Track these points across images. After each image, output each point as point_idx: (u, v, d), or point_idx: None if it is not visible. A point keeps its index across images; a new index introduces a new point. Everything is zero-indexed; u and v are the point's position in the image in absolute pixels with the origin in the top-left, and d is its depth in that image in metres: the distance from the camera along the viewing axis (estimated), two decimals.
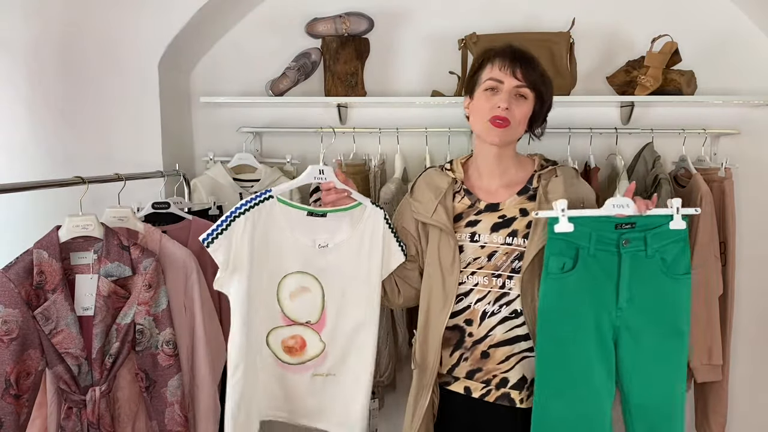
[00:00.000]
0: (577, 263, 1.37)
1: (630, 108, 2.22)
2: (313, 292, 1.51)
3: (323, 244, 1.48)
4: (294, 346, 1.53)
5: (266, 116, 2.36)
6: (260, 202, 1.44)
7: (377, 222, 1.52)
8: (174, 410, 1.54)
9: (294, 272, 1.49)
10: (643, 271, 1.38)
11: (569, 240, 1.36)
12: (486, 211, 1.48)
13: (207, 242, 1.40)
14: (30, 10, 2.11)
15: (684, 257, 1.41)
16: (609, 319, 1.40)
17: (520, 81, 1.41)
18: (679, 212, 1.38)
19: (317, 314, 1.52)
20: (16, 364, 1.39)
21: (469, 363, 1.47)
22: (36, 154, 2.18)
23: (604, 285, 1.39)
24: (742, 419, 2.35)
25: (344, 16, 2.22)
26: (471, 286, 1.46)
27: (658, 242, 1.38)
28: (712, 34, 2.24)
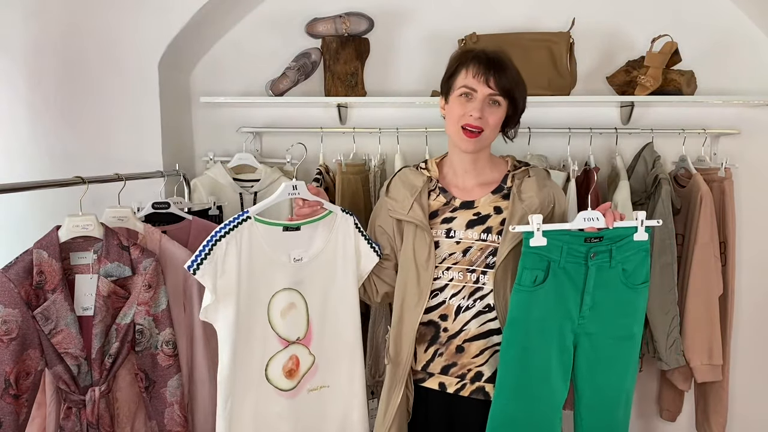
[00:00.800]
0: (548, 276, 1.42)
1: (630, 108, 2.23)
2: (298, 307, 1.51)
3: (297, 258, 1.49)
4: (293, 367, 1.51)
5: (266, 116, 2.36)
6: (239, 223, 1.42)
7: (348, 228, 1.55)
8: (174, 410, 1.54)
9: (281, 289, 1.49)
10: (606, 281, 1.44)
11: (541, 253, 1.41)
12: (461, 209, 1.52)
13: (193, 269, 1.37)
14: (30, 10, 2.12)
15: (643, 267, 1.47)
16: (571, 327, 1.46)
17: (493, 89, 1.43)
18: (643, 224, 1.43)
19: (304, 329, 1.52)
20: (16, 364, 1.39)
21: (444, 358, 1.49)
22: (36, 154, 2.18)
23: (570, 295, 1.44)
24: (742, 419, 2.35)
25: (344, 16, 2.22)
26: (446, 282, 1.49)
27: (622, 254, 1.44)
28: (712, 34, 2.24)
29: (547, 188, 1.52)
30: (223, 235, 1.40)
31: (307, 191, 1.51)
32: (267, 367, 1.48)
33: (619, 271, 1.45)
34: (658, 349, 2.01)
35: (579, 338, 1.47)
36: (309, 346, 1.53)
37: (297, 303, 1.51)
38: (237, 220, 1.42)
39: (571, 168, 2.06)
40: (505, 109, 1.47)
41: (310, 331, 1.52)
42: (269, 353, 1.48)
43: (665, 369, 2.05)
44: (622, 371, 1.52)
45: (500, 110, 1.46)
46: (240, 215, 1.43)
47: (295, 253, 1.49)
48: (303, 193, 1.50)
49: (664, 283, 1.99)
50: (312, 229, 1.52)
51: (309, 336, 1.53)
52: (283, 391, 1.50)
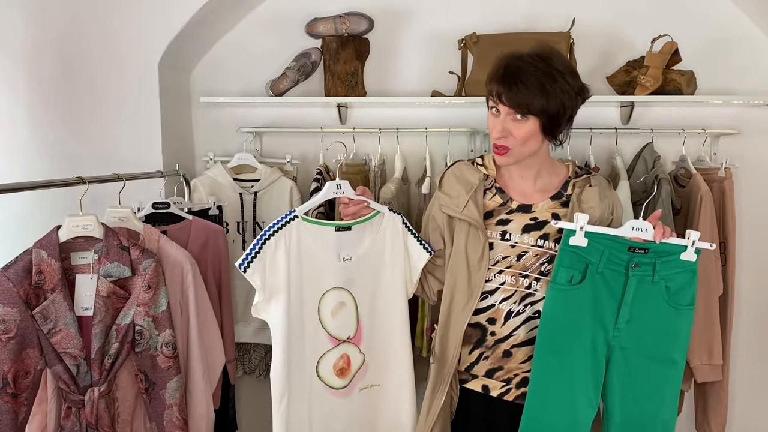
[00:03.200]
0: (585, 278, 1.39)
1: (630, 108, 2.22)
2: (348, 306, 1.52)
3: (347, 258, 1.50)
4: (344, 366, 1.52)
5: (266, 116, 2.36)
6: (286, 223, 1.45)
7: (396, 227, 1.55)
8: (172, 413, 1.54)
9: (330, 289, 1.49)
10: (647, 295, 1.40)
11: (580, 254, 1.38)
12: (518, 212, 1.48)
13: (243, 267, 1.40)
14: (30, 10, 2.12)
15: (689, 288, 1.41)
16: (605, 337, 1.41)
17: (509, 108, 1.38)
18: (694, 245, 1.38)
19: (354, 328, 1.53)
20: (14, 363, 1.39)
21: (490, 362, 1.48)
22: (36, 154, 2.18)
23: (606, 303, 1.40)
24: (742, 419, 2.35)
25: (344, 16, 2.22)
26: (497, 285, 1.46)
27: (666, 270, 1.39)
28: (712, 34, 2.24)
29: (608, 199, 1.49)
30: (272, 234, 1.42)
31: (352, 190, 1.52)
32: (318, 365, 1.50)
33: (662, 287, 1.40)
34: None
35: (613, 351, 1.42)
36: (359, 344, 1.54)
37: (347, 302, 1.52)
38: (285, 219, 1.45)
39: None
40: (533, 121, 1.38)
41: (360, 330, 1.53)
42: (320, 351, 1.49)
43: None
44: (658, 398, 1.44)
45: (526, 124, 1.38)
46: (287, 214, 1.46)
47: (345, 252, 1.50)
48: (347, 192, 1.51)
49: None
50: (361, 229, 1.53)
51: (359, 335, 1.54)
52: (335, 390, 1.51)
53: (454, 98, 2.17)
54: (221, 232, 1.93)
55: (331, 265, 1.49)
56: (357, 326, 1.53)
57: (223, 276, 1.93)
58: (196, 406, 1.63)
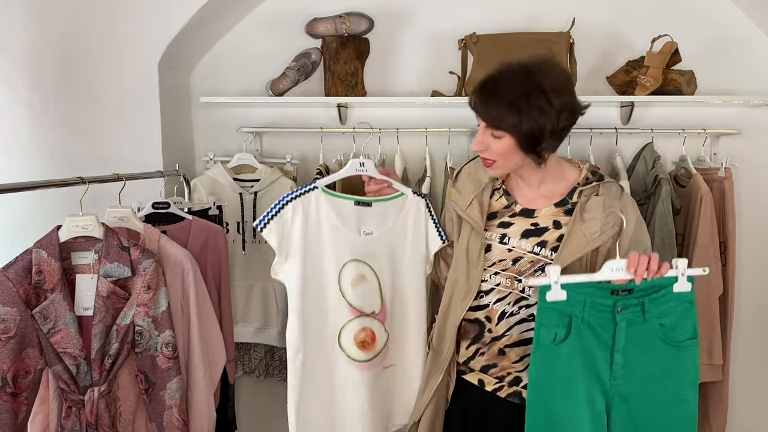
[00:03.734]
0: (570, 333, 1.31)
1: (630, 108, 2.22)
2: (369, 280, 1.54)
3: (368, 232, 1.54)
4: (366, 339, 1.53)
5: (266, 116, 2.36)
6: (306, 192, 1.50)
7: (419, 210, 1.59)
8: (172, 413, 1.53)
9: (350, 260, 1.52)
10: (639, 337, 1.31)
11: (561, 308, 1.29)
12: (520, 215, 1.47)
13: (260, 227, 1.47)
14: (30, 10, 2.12)
15: (688, 321, 1.31)
16: (601, 389, 1.33)
17: (485, 123, 1.38)
18: (684, 275, 1.28)
19: (379, 304, 1.55)
20: (14, 363, 1.39)
21: (486, 358, 1.49)
22: (36, 154, 2.18)
23: (597, 353, 1.32)
24: (742, 419, 2.35)
25: (344, 16, 2.22)
26: (492, 285, 1.47)
27: (658, 307, 1.30)
28: (712, 34, 2.24)
29: (614, 211, 1.40)
30: (291, 200, 1.49)
31: (375, 169, 1.56)
32: (340, 336, 1.53)
33: (656, 326, 1.30)
34: None
35: (612, 401, 1.33)
36: (384, 322, 1.56)
37: (368, 276, 1.54)
38: (305, 189, 1.51)
39: None
40: (508, 138, 1.35)
41: (384, 307, 1.56)
42: (341, 322, 1.52)
43: None
44: None
45: (501, 140, 1.36)
46: (308, 185, 1.51)
47: (365, 227, 1.54)
48: (370, 171, 1.56)
49: None
50: (383, 207, 1.57)
51: (384, 312, 1.56)
52: (356, 362, 1.53)
53: (454, 98, 2.17)
54: (221, 232, 1.93)
55: (350, 238, 1.52)
56: (382, 303, 1.55)
57: (223, 276, 1.93)
58: (197, 405, 1.62)
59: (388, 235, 1.56)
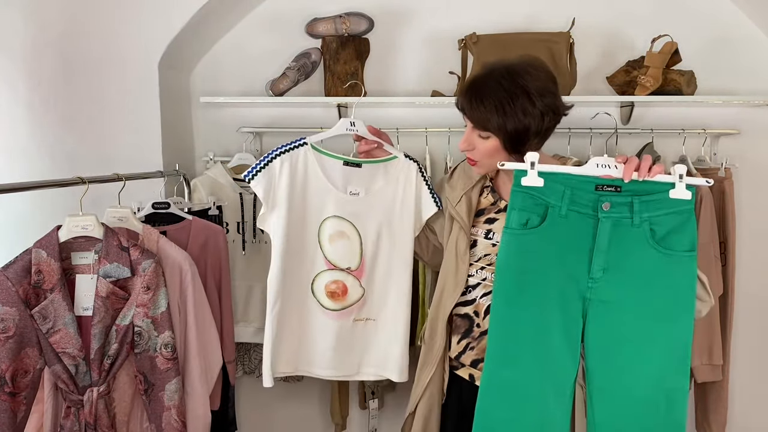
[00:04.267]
0: (545, 222, 1.22)
1: (630, 108, 2.22)
2: (350, 238, 1.59)
3: (354, 192, 1.58)
4: (336, 290, 1.61)
5: (266, 116, 2.36)
6: (295, 147, 1.56)
7: (410, 173, 1.61)
8: (171, 415, 1.53)
9: (331, 216, 1.58)
10: (626, 240, 1.20)
11: (538, 196, 1.22)
12: (505, 211, 1.48)
13: (248, 178, 1.53)
14: (29, 10, 2.12)
15: (687, 232, 1.19)
16: (578, 289, 1.23)
17: (471, 124, 1.43)
18: (682, 179, 1.16)
19: (357, 261, 1.60)
20: (12, 362, 1.39)
21: (475, 352, 1.51)
22: (36, 154, 2.18)
23: (574, 251, 1.22)
24: (742, 419, 2.35)
25: (344, 16, 2.22)
26: (479, 280, 1.50)
27: (650, 211, 1.19)
28: (712, 34, 2.24)
29: None
30: (279, 153, 1.54)
31: (366, 130, 1.60)
32: (313, 283, 1.61)
33: (646, 231, 1.19)
34: None
35: (590, 305, 1.23)
36: (360, 278, 1.62)
37: (349, 234, 1.59)
38: (294, 144, 1.56)
39: None
40: (494, 139, 1.40)
41: (363, 264, 1.61)
42: (315, 271, 1.61)
43: None
44: (657, 362, 1.23)
45: (488, 141, 1.41)
46: (297, 140, 1.57)
47: (353, 187, 1.59)
48: (361, 131, 1.60)
49: None
50: (374, 168, 1.61)
51: (362, 269, 1.62)
52: (326, 310, 1.61)
53: (454, 98, 2.16)
54: (221, 232, 1.93)
55: (335, 196, 1.57)
56: (360, 260, 1.60)
57: (223, 276, 1.93)
58: (193, 406, 1.62)
59: (377, 196, 1.60)
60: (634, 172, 1.20)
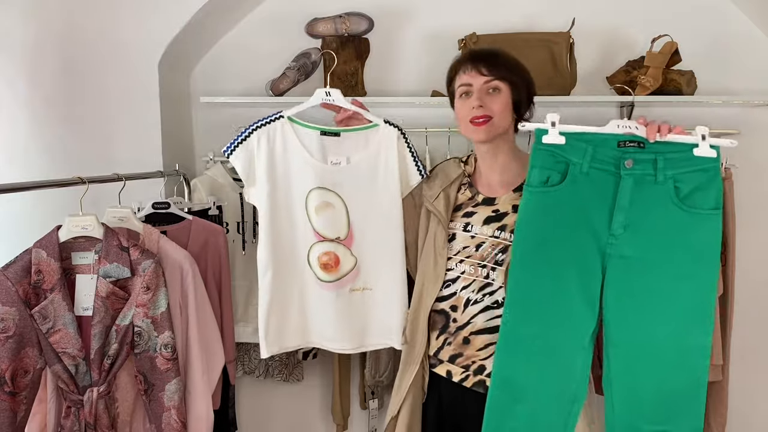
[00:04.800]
0: (566, 179, 1.21)
1: (630, 108, 2.22)
2: (336, 207, 1.57)
3: (335, 162, 1.56)
4: (328, 262, 1.59)
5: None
6: (271, 121, 1.54)
7: (390, 139, 1.59)
8: (171, 415, 1.53)
9: (315, 188, 1.56)
10: (650, 198, 1.18)
11: (559, 153, 1.20)
12: (482, 204, 1.53)
13: (227, 153, 1.52)
14: (30, 10, 2.12)
15: (712, 189, 1.16)
16: (597, 245, 1.20)
17: (486, 76, 1.46)
18: (706, 139, 1.16)
19: (345, 230, 1.58)
20: (12, 362, 1.39)
21: (452, 347, 1.52)
22: (36, 154, 2.18)
23: (595, 207, 1.20)
24: (742, 419, 2.35)
25: (344, 16, 2.22)
26: (458, 274, 1.51)
27: (674, 168, 1.17)
28: (712, 34, 2.24)
29: None
30: (255, 128, 1.53)
31: (342, 99, 1.58)
32: (309, 255, 1.59)
33: (670, 188, 1.16)
34: None
35: (609, 261, 1.20)
36: (350, 247, 1.59)
37: (334, 203, 1.57)
38: (270, 118, 1.54)
39: None
40: (507, 94, 1.47)
41: (351, 233, 1.59)
42: (308, 243, 1.59)
43: None
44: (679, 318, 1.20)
45: (502, 96, 1.47)
46: (273, 114, 1.55)
47: (333, 157, 1.57)
48: (338, 101, 1.58)
49: None
50: (353, 137, 1.59)
51: (350, 237, 1.59)
52: (322, 282, 1.59)
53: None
54: (221, 232, 1.93)
55: (316, 167, 1.55)
56: (348, 229, 1.58)
57: (223, 276, 1.93)
58: (195, 406, 1.62)
59: (359, 165, 1.57)
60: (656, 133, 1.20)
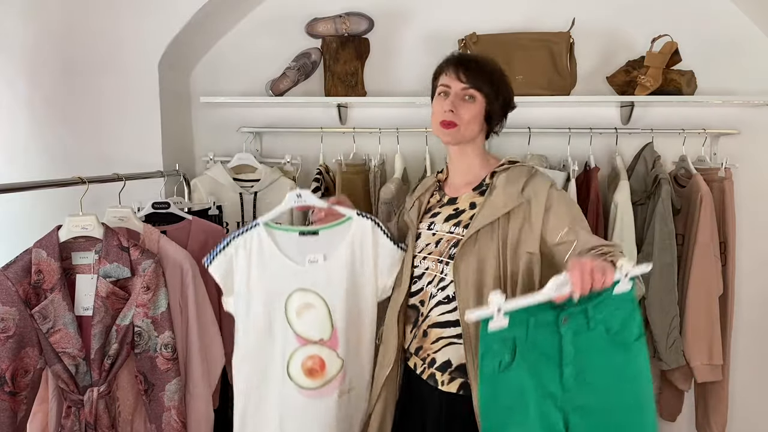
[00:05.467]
0: (516, 356, 1.23)
1: (630, 108, 2.22)
2: (317, 307, 1.52)
3: (313, 260, 1.53)
4: (314, 366, 1.52)
5: (266, 116, 2.36)
6: (249, 230, 1.52)
7: (365, 229, 1.55)
8: (171, 415, 1.54)
9: (295, 290, 1.51)
10: (588, 345, 1.24)
11: (505, 333, 1.22)
12: (447, 204, 1.56)
13: (207, 264, 1.50)
14: (29, 10, 2.12)
15: (633, 320, 1.24)
16: (554, 403, 1.25)
17: (464, 83, 1.47)
18: (628, 275, 1.19)
19: (328, 331, 1.52)
20: (12, 362, 1.39)
21: (417, 340, 1.54)
22: (36, 154, 2.18)
23: (546, 370, 1.24)
24: (742, 419, 2.35)
25: (344, 16, 2.22)
26: (423, 270, 1.54)
27: (602, 311, 1.23)
28: (712, 34, 2.24)
29: (517, 185, 1.45)
30: (234, 238, 1.51)
31: (313, 197, 1.55)
32: (288, 365, 1.52)
33: (602, 331, 1.23)
34: (658, 348, 2.01)
35: (570, 415, 1.25)
36: (336, 348, 1.53)
37: (315, 303, 1.52)
38: (248, 227, 1.52)
39: (571, 168, 2.06)
40: (481, 104, 1.48)
41: (335, 334, 1.52)
42: (288, 351, 1.52)
43: (665, 369, 2.05)
44: None
45: (475, 105, 1.48)
46: (251, 224, 1.52)
47: (311, 255, 1.53)
48: (309, 201, 1.55)
49: (664, 284, 1.99)
50: (330, 234, 1.55)
51: (335, 339, 1.52)
52: (306, 390, 1.51)
53: None
54: (221, 232, 1.93)
55: (294, 268, 1.51)
56: (332, 329, 1.52)
57: None
58: (195, 406, 1.62)
59: (338, 261, 1.53)
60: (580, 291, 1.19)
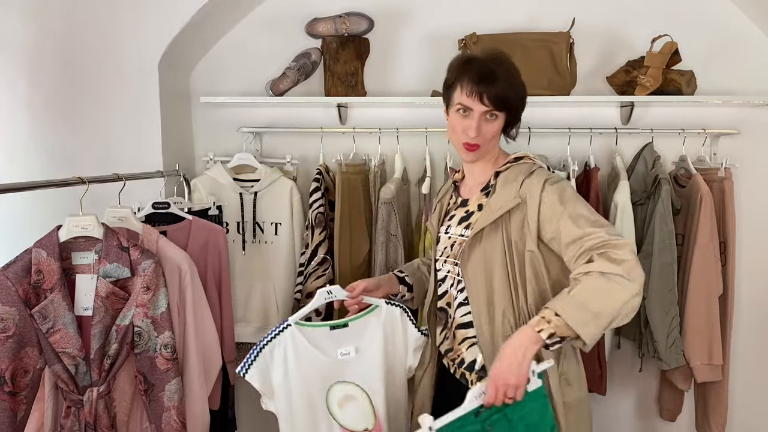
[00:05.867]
0: None
1: (630, 108, 2.22)
2: (358, 398, 1.55)
3: (345, 353, 1.56)
4: None
5: (266, 116, 2.36)
6: (281, 331, 1.53)
7: (394, 317, 1.60)
8: (170, 415, 1.54)
9: (334, 384, 1.54)
10: None
11: None
12: (460, 206, 1.57)
13: (242, 373, 1.50)
14: (30, 10, 2.12)
15: (546, 413, 1.32)
16: None
17: (487, 106, 1.42)
18: (535, 373, 1.28)
19: (372, 420, 1.56)
20: (12, 362, 1.39)
21: (448, 342, 1.56)
22: (36, 154, 2.18)
23: None
24: (742, 419, 2.35)
25: (344, 16, 2.22)
26: (445, 273, 1.56)
27: (519, 411, 1.29)
28: (712, 34, 2.24)
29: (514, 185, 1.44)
30: (267, 342, 1.52)
31: (342, 291, 1.59)
32: None
33: (522, 428, 1.30)
34: (658, 348, 2.01)
35: None
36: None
37: (356, 395, 1.55)
38: (279, 329, 1.54)
39: (571, 168, 2.06)
40: (503, 118, 1.46)
41: (378, 422, 1.56)
42: None
43: (665, 369, 2.05)
44: None
45: (497, 121, 1.46)
46: (281, 324, 1.54)
47: (343, 348, 1.57)
48: (339, 296, 1.59)
49: (664, 283, 1.99)
50: (360, 324, 1.59)
51: (378, 426, 1.56)
52: None
53: None
54: (221, 232, 1.93)
55: (329, 363, 1.54)
56: (375, 418, 1.56)
57: (223, 276, 1.93)
58: (191, 406, 1.63)
59: (370, 350, 1.57)
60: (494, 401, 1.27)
